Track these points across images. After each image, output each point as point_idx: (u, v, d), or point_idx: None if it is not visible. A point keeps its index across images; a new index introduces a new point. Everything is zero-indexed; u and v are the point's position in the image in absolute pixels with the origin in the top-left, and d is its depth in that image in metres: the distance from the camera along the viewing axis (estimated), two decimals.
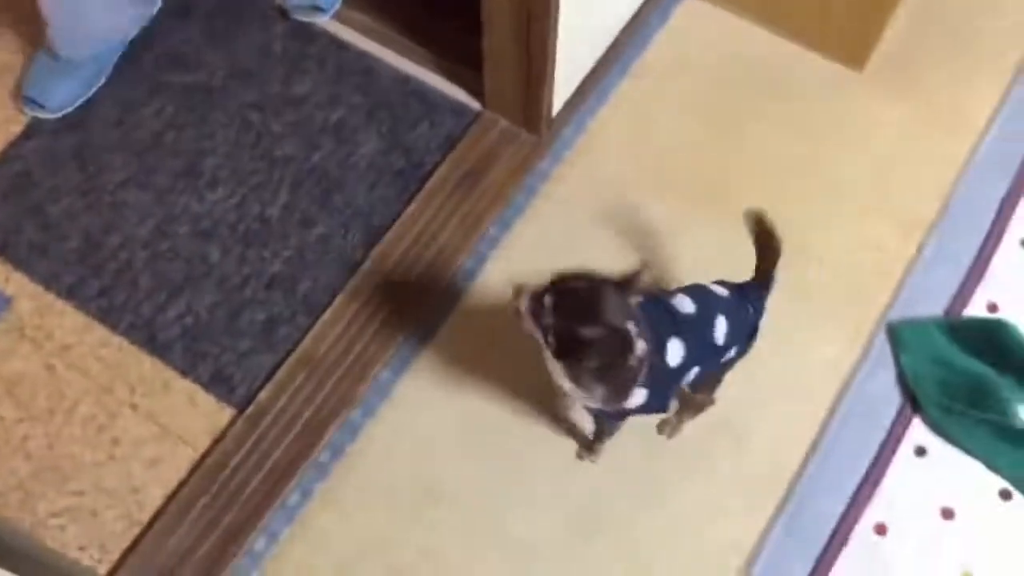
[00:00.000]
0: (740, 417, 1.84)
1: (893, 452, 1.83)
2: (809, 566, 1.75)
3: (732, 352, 1.60)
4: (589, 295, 1.42)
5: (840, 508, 1.79)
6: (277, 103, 2.14)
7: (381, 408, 1.86)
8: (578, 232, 2.03)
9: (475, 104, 2.15)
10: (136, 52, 2.17)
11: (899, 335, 1.91)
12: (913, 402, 1.86)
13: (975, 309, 1.95)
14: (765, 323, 1.66)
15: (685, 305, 1.55)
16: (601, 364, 1.42)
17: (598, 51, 2.17)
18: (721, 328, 1.55)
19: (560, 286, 1.44)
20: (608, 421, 1.69)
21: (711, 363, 1.60)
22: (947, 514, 1.79)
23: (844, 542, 1.76)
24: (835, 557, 1.75)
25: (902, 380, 1.88)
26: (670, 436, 1.82)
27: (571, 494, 1.80)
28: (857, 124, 2.14)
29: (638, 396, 1.50)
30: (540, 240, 2.03)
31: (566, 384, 1.48)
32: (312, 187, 2.07)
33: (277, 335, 1.93)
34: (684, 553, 1.76)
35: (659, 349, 1.48)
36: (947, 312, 1.95)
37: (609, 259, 1.97)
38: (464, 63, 2.12)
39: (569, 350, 1.42)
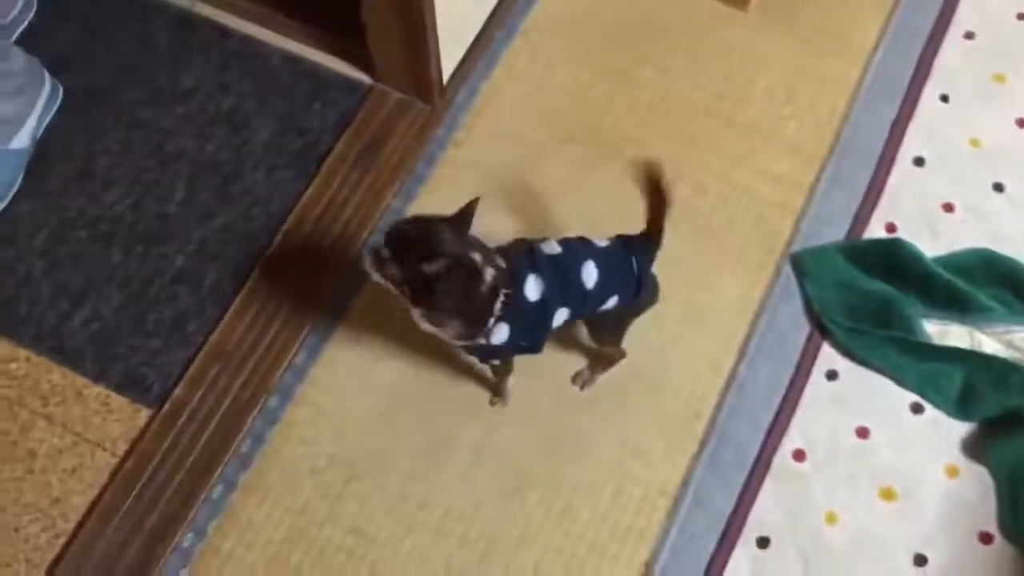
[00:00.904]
0: (653, 361, 1.86)
1: (806, 378, 1.87)
2: (733, 498, 1.78)
3: (612, 301, 1.60)
4: (423, 234, 1.46)
5: (759, 439, 1.82)
6: (166, 97, 2.11)
7: (298, 391, 1.86)
8: (480, 193, 2.01)
9: (366, 78, 2.13)
10: None
11: (802, 263, 1.94)
12: (821, 328, 1.90)
13: (874, 231, 1.98)
14: (671, 265, 1.68)
15: (550, 247, 1.57)
16: (451, 295, 1.45)
17: (484, 13, 2.16)
18: (590, 272, 1.55)
19: (393, 235, 1.46)
20: (488, 360, 1.70)
21: (583, 307, 1.60)
22: (862, 433, 1.83)
23: (765, 471, 1.80)
24: (758, 487, 1.78)
25: (809, 307, 1.92)
26: (583, 387, 1.84)
27: (494, 457, 1.81)
28: (746, 62, 2.15)
29: (501, 331, 1.52)
30: (444, 207, 1.99)
31: (426, 325, 1.51)
32: (209, 178, 2.04)
33: (187, 330, 1.91)
34: (610, 498, 1.78)
35: (516, 282, 1.51)
36: (848, 237, 1.98)
37: (514, 219, 2.00)
38: (350, 37, 2.10)
39: (420, 291, 1.45)
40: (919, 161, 2.04)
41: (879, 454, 1.81)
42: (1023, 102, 2.11)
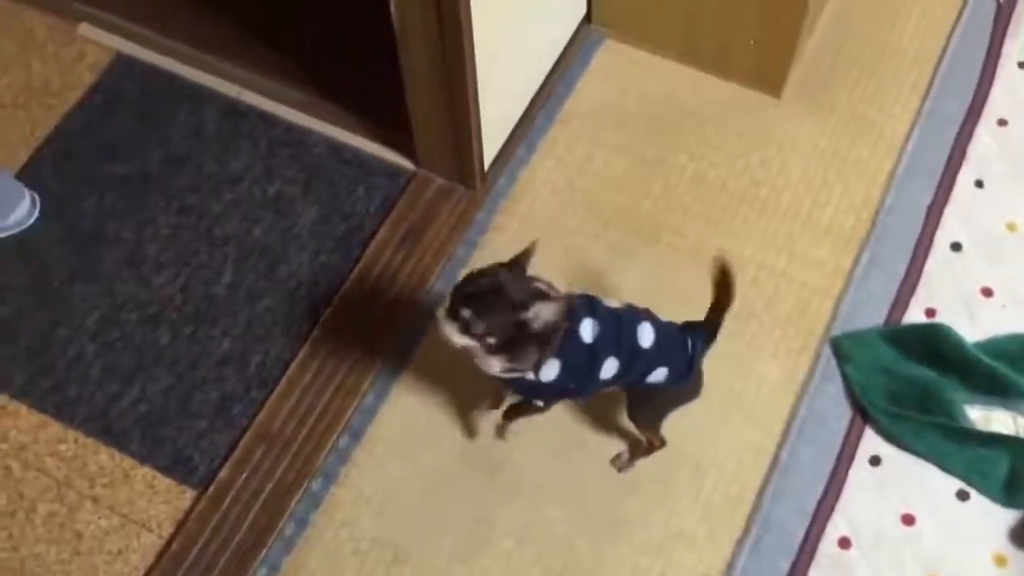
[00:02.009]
0: (696, 444, 1.87)
1: (849, 464, 1.86)
2: None
3: (662, 373, 1.61)
4: (498, 286, 1.50)
5: (803, 526, 1.81)
6: (214, 183, 2.17)
7: (341, 473, 1.87)
8: None
9: (408, 164, 2.19)
10: (71, 147, 2.20)
11: (843, 348, 1.95)
12: (863, 412, 1.90)
13: (913, 316, 1.99)
14: (713, 348, 1.69)
15: (609, 301, 1.61)
16: (537, 335, 1.49)
17: (524, 100, 2.22)
18: (646, 333, 1.58)
19: (469, 294, 1.50)
20: (528, 396, 1.70)
21: (633, 366, 1.60)
22: (908, 520, 1.81)
23: (811, 560, 1.78)
24: (804, 574, 1.77)
25: (850, 392, 1.92)
26: (620, 470, 1.84)
27: (537, 539, 1.81)
28: (781, 147, 2.20)
29: (552, 368, 1.54)
30: None
31: (497, 367, 1.53)
32: (256, 261, 2.09)
33: (232, 412, 1.94)
34: None
35: (574, 321, 1.54)
36: (887, 321, 1.99)
37: None
38: (393, 125, 2.16)
39: (508, 340, 1.49)
40: (956, 246, 2.06)
41: (925, 542, 1.79)
42: None
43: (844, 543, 1.79)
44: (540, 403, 1.71)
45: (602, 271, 2.06)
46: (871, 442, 1.88)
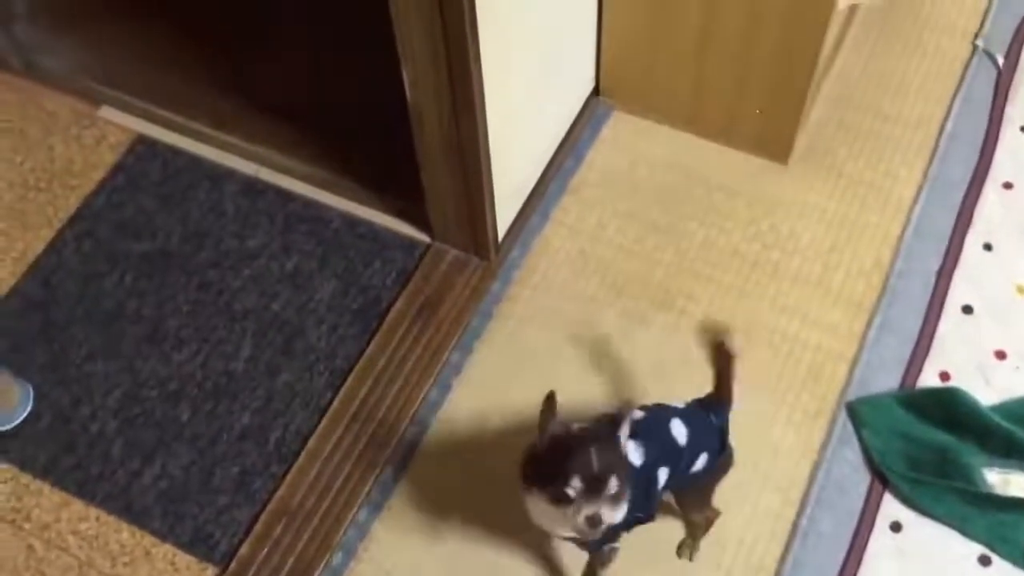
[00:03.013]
0: None
1: (870, 531, 1.86)
2: None
3: (703, 459, 1.62)
4: (590, 438, 1.45)
5: None
6: (233, 259, 2.21)
7: (360, 548, 1.88)
8: (536, 347, 2.08)
9: (424, 237, 2.22)
10: (93, 227, 2.25)
11: (859, 413, 1.96)
12: (882, 478, 1.90)
13: (928, 379, 2.00)
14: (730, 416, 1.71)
15: (634, 414, 1.59)
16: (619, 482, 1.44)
17: (536, 172, 2.26)
18: (679, 429, 1.59)
19: (584, 464, 1.41)
20: (605, 545, 1.67)
21: (680, 465, 1.61)
22: None
23: None
24: None
25: (868, 457, 1.92)
26: (691, 557, 1.83)
27: None
28: (789, 213, 2.23)
29: (623, 505, 1.52)
30: (500, 360, 2.08)
31: (613, 520, 1.47)
32: (274, 336, 2.12)
33: (252, 487, 1.95)
34: None
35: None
36: (901, 385, 2.00)
37: (568, 370, 2.05)
38: (409, 198, 2.20)
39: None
40: (967, 309, 2.08)
41: None
42: None
43: None
44: (616, 545, 1.69)
45: (617, 339, 2.08)
46: (891, 507, 1.87)
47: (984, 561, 1.82)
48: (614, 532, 1.60)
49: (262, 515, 1.91)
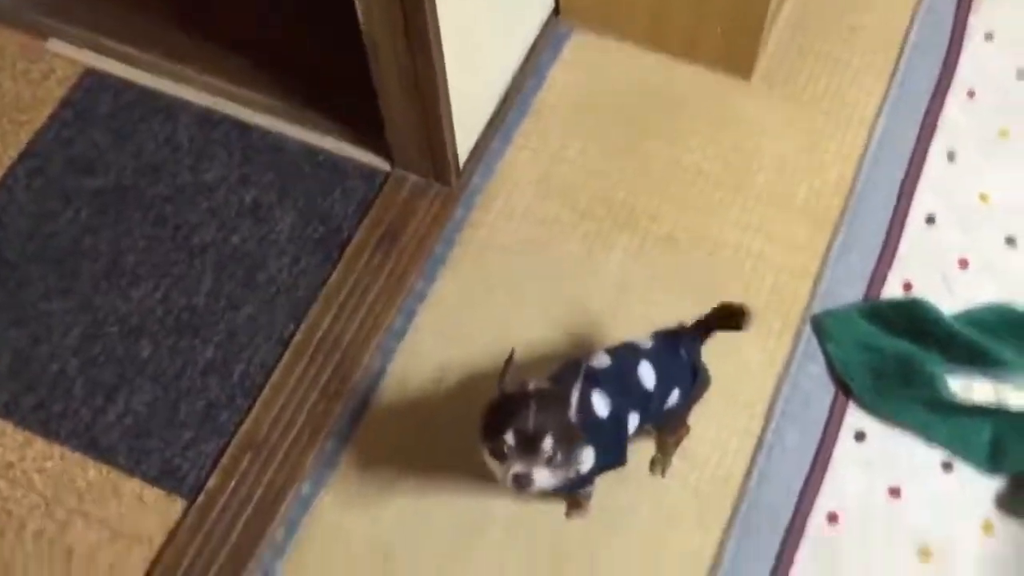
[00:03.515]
0: None
1: (834, 441, 1.87)
2: (769, 565, 1.78)
3: (675, 395, 1.62)
4: (537, 398, 1.44)
5: (791, 504, 1.82)
6: (189, 192, 2.17)
7: (330, 477, 1.87)
8: (500, 273, 2.07)
9: (384, 164, 2.19)
10: (44, 163, 2.19)
11: (823, 326, 1.97)
12: (846, 389, 1.91)
13: (891, 291, 2.01)
14: None
15: (600, 360, 1.59)
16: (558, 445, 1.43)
17: (496, 95, 2.22)
18: (647, 373, 1.58)
19: (523, 421, 1.41)
20: (577, 490, 1.71)
21: (647, 408, 1.61)
22: (894, 493, 1.83)
23: (800, 537, 1.79)
24: (793, 553, 1.78)
25: (832, 370, 1.93)
26: (663, 473, 1.84)
27: (528, 532, 1.82)
28: (753, 130, 2.20)
29: (587, 457, 1.52)
30: (465, 286, 2.07)
31: (563, 476, 1.48)
32: (235, 269, 2.09)
33: (218, 420, 1.94)
34: (645, 570, 1.78)
35: (585, 404, 1.51)
36: (865, 297, 2.00)
37: (533, 294, 2.03)
38: (367, 126, 2.16)
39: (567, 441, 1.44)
40: (930, 219, 2.07)
41: (913, 514, 1.81)
42: None
43: (832, 519, 1.81)
44: (590, 488, 1.71)
45: (582, 261, 2.07)
46: (855, 418, 1.89)
47: (946, 467, 1.84)
48: (584, 479, 1.60)
49: (229, 448, 1.90)
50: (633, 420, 1.59)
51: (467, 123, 2.11)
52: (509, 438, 1.40)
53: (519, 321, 2.01)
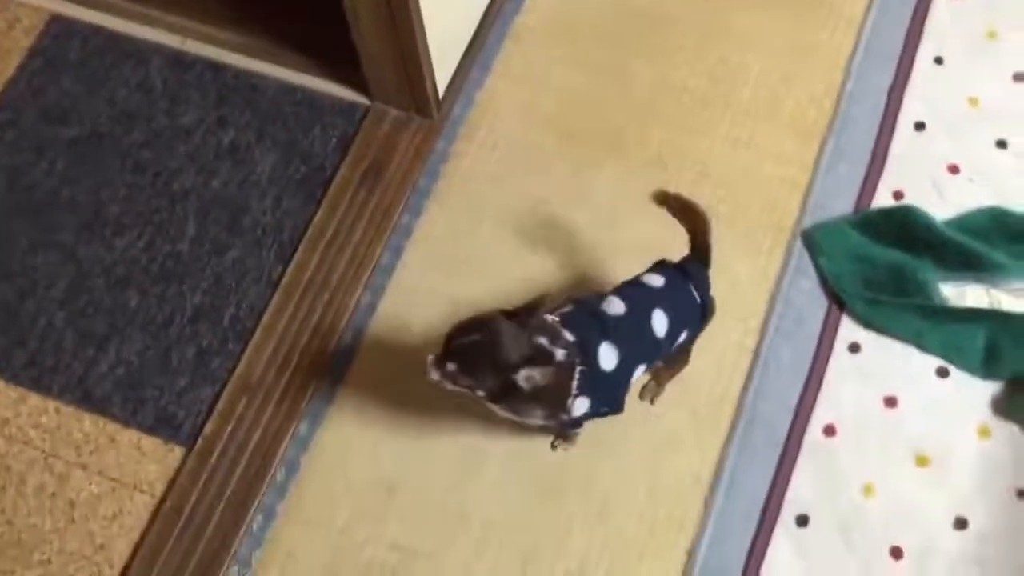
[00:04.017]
0: None
1: (829, 354, 1.87)
2: (768, 479, 1.79)
3: (683, 336, 1.59)
4: (490, 342, 1.42)
5: (788, 418, 1.83)
6: (166, 137, 2.13)
7: (326, 415, 1.87)
8: (486, 204, 2.04)
9: (363, 99, 2.14)
10: (15, 115, 2.15)
11: (814, 240, 1.95)
12: (839, 302, 1.90)
13: (882, 200, 1.98)
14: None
15: (613, 306, 1.54)
16: (533, 391, 1.42)
17: (473, 20, 2.17)
18: (660, 321, 1.54)
19: (460, 348, 1.43)
20: (569, 430, 1.71)
21: (656, 355, 1.59)
22: (890, 402, 1.83)
23: (798, 450, 1.80)
24: (792, 467, 1.79)
25: (824, 283, 1.92)
26: (653, 401, 1.83)
27: (527, 462, 1.82)
28: (739, 43, 2.16)
29: (581, 405, 1.50)
30: (451, 219, 2.04)
31: (510, 416, 1.50)
32: (218, 214, 2.06)
33: (211, 366, 1.93)
34: (646, 492, 1.79)
35: (589, 356, 1.48)
36: (856, 208, 1.98)
37: (520, 224, 2.01)
38: (342, 60, 2.11)
39: (499, 394, 1.44)
40: (920, 126, 2.04)
41: (909, 422, 1.81)
42: (1017, 56, 2.11)
43: (829, 431, 1.81)
44: (579, 431, 1.70)
45: (570, 187, 2.04)
46: (848, 330, 1.88)
47: (942, 373, 1.84)
48: (578, 421, 1.58)
49: (223, 393, 1.90)
50: (639, 371, 1.56)
51: (444, 52, 2.06)
52: (449, 349, 1.44)
53: (508, 251, 1.99)
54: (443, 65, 2.07)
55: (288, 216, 2.05)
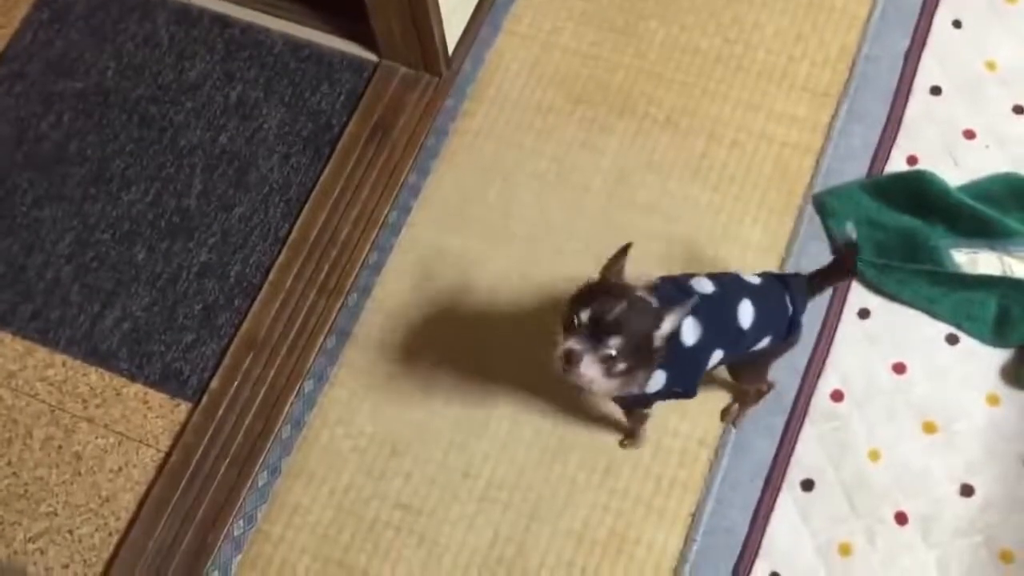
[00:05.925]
0: None
1: (838, 319, 1.86)
2: (774, 443, 1.78)
3: (765, 341, 1.55)
4: (637, 306, 1.37)
5: (796, 382, 1.82)
6: (173, 92, 2.11)
7: (332, 373, 1.87)
8: (495, 163, 2.02)
9: (371, 56, 2.12)
10: (23, 67, 2.13)
11: (826, 204, 1.93)
12: None
13: (896, 165, 1.96)
14: (694, 218, 1.65)
15: (702, 285, 1.51)
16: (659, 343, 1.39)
17: None
18: (746, 311, 1.50)
19: (611, 320, 1.35)
20: (635, 407, 1.66)
21: (736, 347, 1.54)
22: (899, 368, 1.82)
23: (804, 414, 1.79)
24: (798, 431, 1.78)
25: (835, 248, 1.90)
26: (735, 424, 1.80)
27: (532, 422, 1.82)
28: (753, 4, 2.12)
29: (657, 379, 1.47)
30: (460, 178, 2.02)
31: (622, 389, 1.44)
32: (225, 169, 2.05)
33: (218, 322, 1.92)
34: (651, 454, 1.79)
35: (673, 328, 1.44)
36: (869, 172, 1.96)
37: (530, 184, 1.99)
38: (352, 16, 2.09)
39: (642, 356, 1.39)
40: (936, 90, 2.01)
41: (917, 388, 1.80)
42: None
43: (837, 396, 1.80)
44: (647, 411, 1.67)
45: (579, 148, 2.02)
46: (858, 296, 1.87)
47: (952, 340, 1.83)
48: (647, 399, 1.54)
49: (230, 349, 1.90)
50: (716, 356, 1.51)
51: (454, 9, 2.03)
52: (584, 315, 1.35)
53: (516, 212, 1.97)
54: (453, 22, 2.04)
55: (296, 173, 2.04)
